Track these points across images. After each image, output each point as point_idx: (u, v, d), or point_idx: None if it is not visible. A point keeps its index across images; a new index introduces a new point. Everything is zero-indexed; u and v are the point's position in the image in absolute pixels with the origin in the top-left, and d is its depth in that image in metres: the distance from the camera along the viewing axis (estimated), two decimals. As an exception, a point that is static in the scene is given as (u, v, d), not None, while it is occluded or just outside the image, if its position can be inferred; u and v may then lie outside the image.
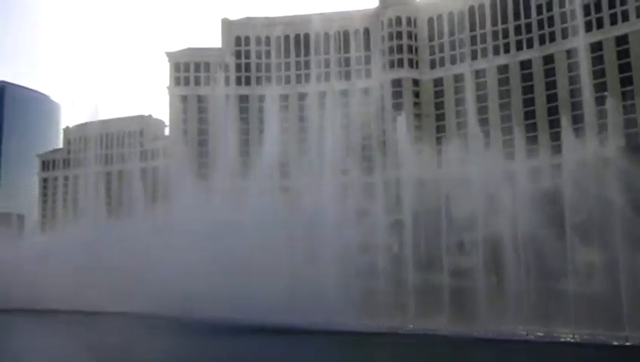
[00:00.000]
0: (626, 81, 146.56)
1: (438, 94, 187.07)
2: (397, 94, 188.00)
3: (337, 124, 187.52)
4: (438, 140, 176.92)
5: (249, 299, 77.55)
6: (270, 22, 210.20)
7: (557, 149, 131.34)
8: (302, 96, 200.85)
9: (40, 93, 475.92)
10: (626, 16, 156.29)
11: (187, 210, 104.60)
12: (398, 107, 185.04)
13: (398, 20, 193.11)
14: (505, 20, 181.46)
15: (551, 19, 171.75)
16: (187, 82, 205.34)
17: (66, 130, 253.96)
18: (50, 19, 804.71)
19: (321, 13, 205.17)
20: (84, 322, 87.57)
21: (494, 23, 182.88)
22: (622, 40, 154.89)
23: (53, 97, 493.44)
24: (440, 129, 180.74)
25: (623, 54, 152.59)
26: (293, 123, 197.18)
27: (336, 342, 60.87)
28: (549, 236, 63.60)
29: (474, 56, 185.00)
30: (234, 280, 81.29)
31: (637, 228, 60.91)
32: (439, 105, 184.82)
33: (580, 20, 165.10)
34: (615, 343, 52.11)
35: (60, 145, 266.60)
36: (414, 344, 59.63)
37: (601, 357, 49.41)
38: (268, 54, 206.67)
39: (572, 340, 54.71)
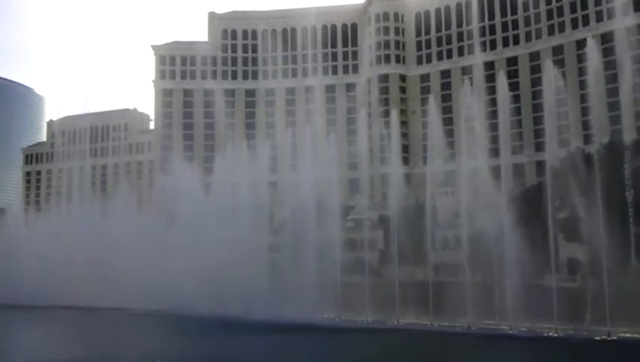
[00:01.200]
0: (610, 79, 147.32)
1: (425, 90, 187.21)
2: (384, 90, 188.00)
3: (324, 119, 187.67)
4: (424, 136, 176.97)
5: (232, 295, 77.55)
6: (257, 16, 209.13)
7: (541, 146, 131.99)
8: (289, 91, 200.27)
9: (24, 86, 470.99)
10: (611, 14, 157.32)
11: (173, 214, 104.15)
12: (384, 103, 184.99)
13: (386, 16, 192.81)
14: (492, 17, 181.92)
15: (537, 16, 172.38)
16: (173, 76, 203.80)
17: (50, 123, 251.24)
18: (35, 12, 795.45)
19: (308, 8, 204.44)
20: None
21: (481, 20, 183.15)
22: (607, 37, 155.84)
23: (38, 90, 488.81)
24: (426, 125, 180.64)
25: (608, 52, 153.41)
26: (280, 117, 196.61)
27: (322, 338, 60.75)
28: (533, 232, 63.91)
29: (460, 53, 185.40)
30: (217, 277, 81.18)
31: (619, 225, 61.38)
32: (426, 101, 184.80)
33: (566, 18, 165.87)
34: (597, 338, 52.50)
35: (44, 139, 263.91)
36: (399, 338, 59.78)
37: (583, 351, 49.73)
38: (255, 48, 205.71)
39: (555, 335, 55.06)
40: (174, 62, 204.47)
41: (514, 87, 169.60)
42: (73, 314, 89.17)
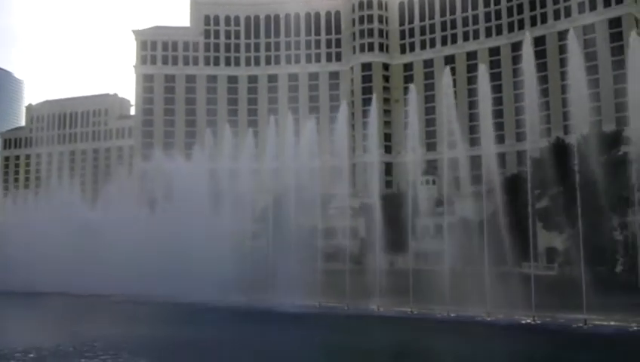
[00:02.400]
0: (592, 70, 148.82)
1: (408, 79, 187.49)
2: (367, 78, 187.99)
3: (306, 107, 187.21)
4: (407, 125, 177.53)
5: (213, 283, 77.53)
6: (240, 1, 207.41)
7: (522, 136, 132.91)
8: (272, 78, 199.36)
9: (2, 69, 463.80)
10: (593, 6, 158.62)
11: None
12: (367, 91, 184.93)
13: (370, 4, 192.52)
14: (475, 7, 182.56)
15: (520, 6, 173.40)
16: (154, 61, 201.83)
17: (29, 107, 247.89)
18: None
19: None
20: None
21: (464, 10, 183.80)
22: (589, 29, 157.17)
23: (17, 74, 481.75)
24: (408, 114, 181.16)
25: (589, 43, 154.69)
26: (262, 104, 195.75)
27: (301, 324, 60.88)
28: (512, 221, 64.37)
29: (444, 42, 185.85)
30: (198, 264, 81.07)
31: (597, 215, 62.11)
32: (408, 90, 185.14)
33: (549, 9, 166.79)
34: (574, 326, 53.16)
35: (23, 123, 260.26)
36: (378, 325, 60.04)
37: (558, 339, 50.35)
38: (237, 35, 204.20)
39: (532, 322, 55.65)
40: (156, 47, 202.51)
41: (496, 77, 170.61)
42: (56, 300, 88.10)
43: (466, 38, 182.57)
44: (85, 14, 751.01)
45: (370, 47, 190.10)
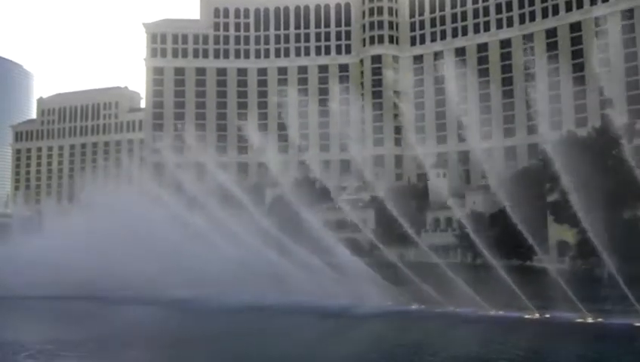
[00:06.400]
0: (604, 62, 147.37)
1: (418, 72, 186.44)
2: (377, 71, 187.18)
3: (316, 100, 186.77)
4: (417, 118, 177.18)
5: (213, 277, 76.96)
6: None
7: (534, 129, 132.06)
8: (281, 71, 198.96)
9: (12, 61, 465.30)
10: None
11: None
12: (377, 84, 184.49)
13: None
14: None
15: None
16: (164, 54, 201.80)
17: (40, 100, 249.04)
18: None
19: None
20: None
21: (475, 1, 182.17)
22: (600, 21, 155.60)
23: (27, 66, 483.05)
24: (418, 107, 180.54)
25: (602, 35, 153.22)
26: (272, 97, 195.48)
27: (311, 319, 60.76)
28: (524, 214, 64.00)
29: (454, 34, 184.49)
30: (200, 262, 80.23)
31: (609, 207, 61.63)
32: (419, 83, 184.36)
33: (560, 0, 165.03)
34: (579, 320, 52.98)
35: (34, 116, 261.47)
36: (381, 321, 59.43)
37: (559, 333, 50.10)
38: (247, 27, 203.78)
39: (539, 317, 55.42)
40: (165, 40, 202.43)
41: (507, 69, 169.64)
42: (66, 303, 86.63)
43: (476, 29, 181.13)
44: (95, 7, 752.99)
45: (380, 40, 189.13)
